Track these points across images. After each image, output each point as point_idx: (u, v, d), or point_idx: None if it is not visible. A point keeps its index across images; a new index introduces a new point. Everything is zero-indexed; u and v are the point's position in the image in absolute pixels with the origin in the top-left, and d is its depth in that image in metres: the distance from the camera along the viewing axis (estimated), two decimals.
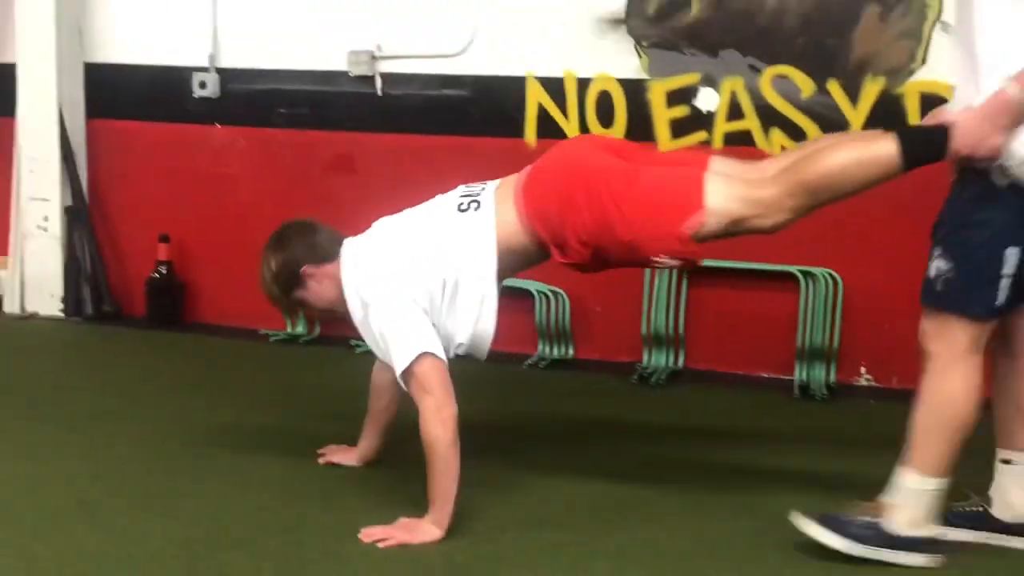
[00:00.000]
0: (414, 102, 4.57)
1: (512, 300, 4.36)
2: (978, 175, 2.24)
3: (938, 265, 2.31)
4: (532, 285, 4.35)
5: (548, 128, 4.35)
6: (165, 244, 4.81)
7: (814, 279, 4.07)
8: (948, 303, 2.30)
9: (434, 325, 2.51)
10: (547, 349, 4.43)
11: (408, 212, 2.72)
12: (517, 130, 4.39)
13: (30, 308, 4.99)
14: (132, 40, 4.91)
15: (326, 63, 4.62)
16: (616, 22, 4.24)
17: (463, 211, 2.60)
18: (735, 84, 4.13)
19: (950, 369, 2.32)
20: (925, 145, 2.29)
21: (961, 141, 2.21)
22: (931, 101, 3.87)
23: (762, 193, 2.40)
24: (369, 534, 2.42)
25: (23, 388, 3.77)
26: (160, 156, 4.93)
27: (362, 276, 2.56)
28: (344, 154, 4.70)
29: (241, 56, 4.77)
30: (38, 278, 4.98)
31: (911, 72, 3.95)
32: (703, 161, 2.54)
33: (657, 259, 2.47)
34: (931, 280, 2.33)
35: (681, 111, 4.19)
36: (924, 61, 3.93)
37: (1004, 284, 2.26)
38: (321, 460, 2.95)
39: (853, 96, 3.99)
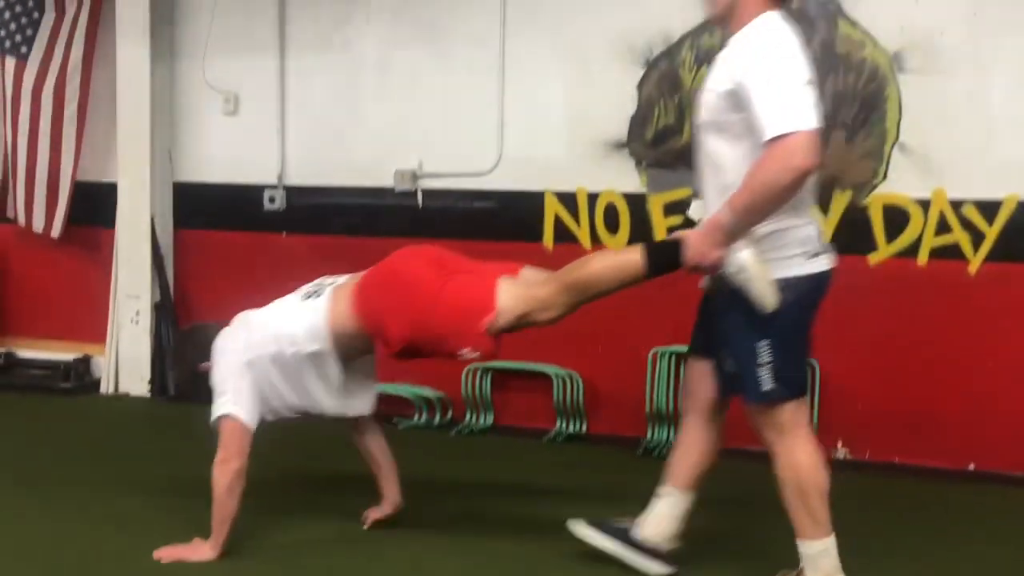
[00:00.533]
0: (450, 213, 4.95)
1: (531, 381, 4.72)
2: (722, 285, 2.51)
3: (728, 366, 2.60)
4: (550, 369, 4.66)
5: (563, 234, 4.72)
6: None
7: None
8: (749, 396, 2.56)
9: (269, 388, 2.92)
10: (563, 425, 4.70)
11: (272, 305, 3.10)
12: (537, 236, 4.75)
13: (123, 389, 5.39)
14: (213, 162, 5.37)
15: (375, 180, 5.03)
16: (619, 146, 4.62)
17: (307, 298, 3.00)
18: None
19: (788, 447, 2.54)
20: (664, 257, 2.60)
21: (690, 254, 2.51)
22: (892, 211, 4.22)
23: (540, 293, 2.73)
24: (158, 552, 2.92)
25: (114, 458, 4.11)
26: (235, 259, 5.30)
27: (226, 343, 2.99)
28: None
29: (304, 175, 5.20)
30: (130, 363, 5.38)
31: (874, 186, 4.25)
32: (514, 269, 2.86)
33: (460, 352, 2.78)
34: (730, 380, 2.60)
35: (676, 220, 4.51)
36: (885, 176, 4.23)
37: (767, 372, 2.48)
38: (366, 526, 3.22)
39: (824, 207, 4.28)
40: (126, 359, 5.40)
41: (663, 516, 2.81)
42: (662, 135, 4.55)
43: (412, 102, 4.98)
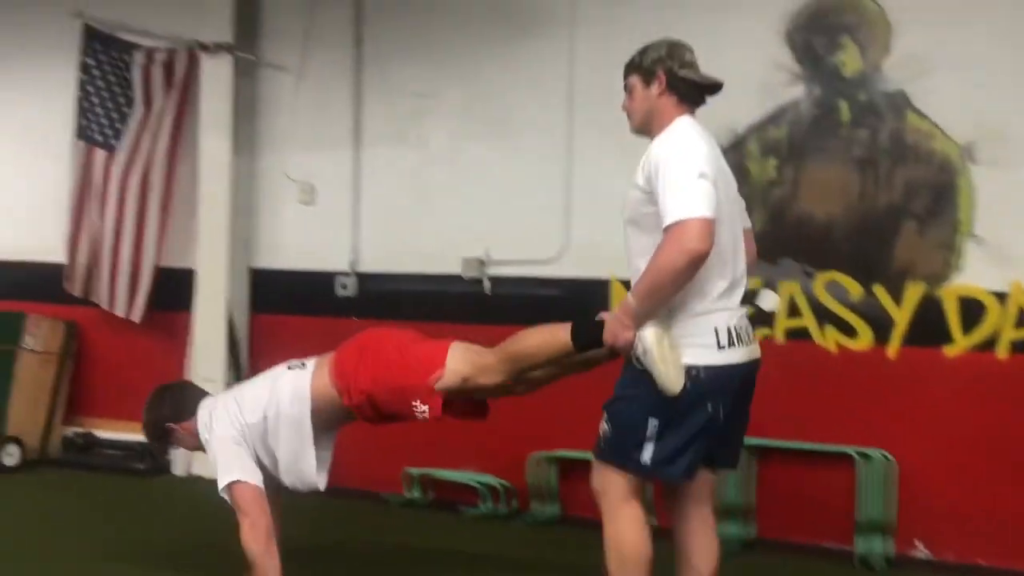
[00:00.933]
0: (516, 300, 4.97)
1: None
2: (630, 360, 2.66)
3: (603, 427, 2.74)
4: None
5: None
6: None
7: (869, 459, 4.18)
8: (607, 455, 2.71)
9: (263, 454, 3.12)
10: None
11: (255, 379, 3.38)
12: None
13: (195, 471, 5.46)
14: (289, 249, 5.50)
15: (444, 268, 5.08)
16: None
17: (291, 369, 3.26)
18: (792, 287, 4.41)
19: (616, 515, 2.69)
20: (587, 336, 2.81)
21: (607, 334, 2.69)
22: (968, 303, 4.10)
23: (484, 360, 3.02)
24: None
25: (187, 543, 4.15)
26: (308, 343, 5.34)
27: (205, 420, 3.18)
28: None
29: (375, 262, 5.29)
30: None
31: (947, 278, 4.16)
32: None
33: (413, 405, 3.03)
34: (598, 439, 2.74)
35: (746, 311, 4.45)
36: (959, 268, 4.14)
37: (649, 448, 2.61)
38: None
39: (897, 298, 4.21)
40: None
41: None
42: None
43: (480, 191, 5.06)
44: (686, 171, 2.56)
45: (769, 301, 4.40)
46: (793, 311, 4.41)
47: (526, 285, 4.95)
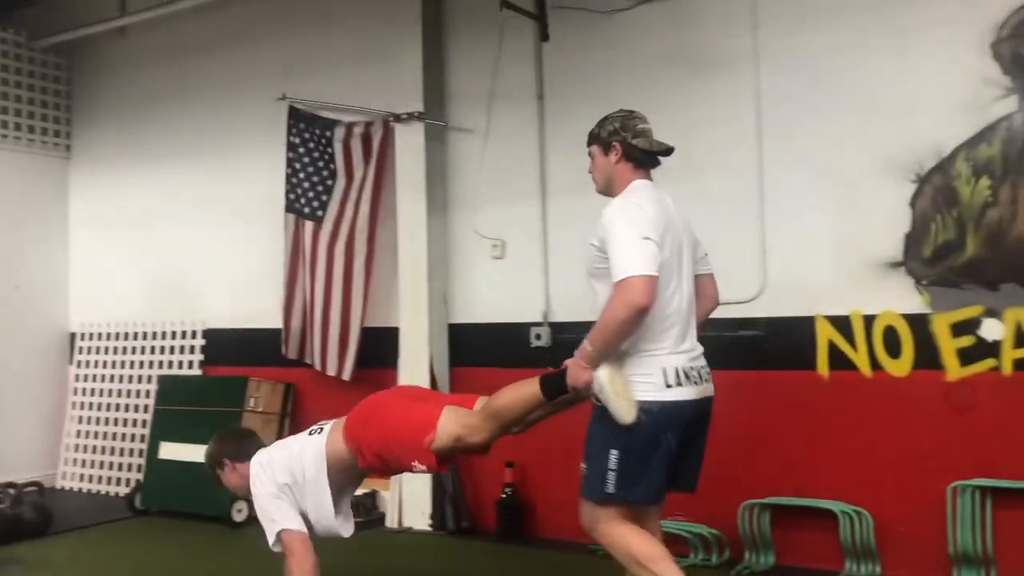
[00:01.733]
0: (715, 342, 4.79)
1: (814, 518, 4.39)
2: (594, 401, 2.96)
3: (581, 467, 3.05)
4: (834, 505, 4.33)
5: (840, 361, 4.45)
6: (510, 468, 5.28)
7: None
8: (585, 492, 3.04)
9: (300, 506, 3.43)
10: (854, 567, 4.31)
11: (287, 440, 3.69)
12: (810, 364, 4.52)
13: (406, 523, 5.60)
14: (483, 304, 5.61)
15: None
16: (894, 265, 4.35)
17: (311, 434, 3.57)
18: (1019, 315, 4.05)
19: (613, 539, 2.99)
20: (554, 383, 3.10)
21: (569, 379, 3.00)
22: None
23: (470, 420, 3.25)
24: None
25: None
26: None
27: (255, 471, 3.48)
28: None
29: (568, 312, 5.27)
30: (412, 498, 5.59)
31: None
32: (469, 400, 3.38)
33: (413, 464, 3.32)
34: (581, 478, 3.05)
35: (967, 340, 4.15)
36: None
37: (612, 477, 2.93)
38: None
39: None
40: (408, 494, 5.61)
41: None
42: (943, 251, 4.22)
43: None
44: (632, 234, 2.89)
45: (993, 330, 4.11)
46: (1021, 340, 4.05)
47: (724, 327, 4.78)
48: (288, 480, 3.44)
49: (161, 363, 6.94)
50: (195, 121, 6.91)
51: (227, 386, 6.23)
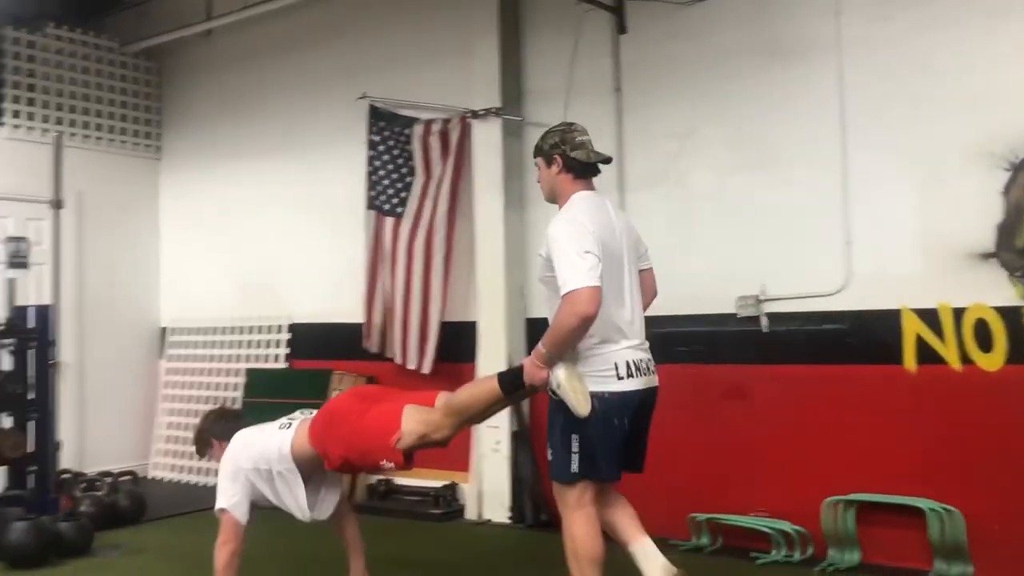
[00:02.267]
0: (797, 336, 4.77)
1: (903, 516, 4.29)
2: (551, 395, 3.23)
3: (548, 452, 3.31)
4: (923, 503, 4.23)
5: (928, 355, 4.35)
6: None
7: None
8: (553, 474, 3.30)
9: (254, 489, 3.73)
10: (944, 566, 4.20)
11: (264, 425, 3.88)
12: (895, 358, 4.42)
13: (485, 515, 5.66)
14: None
15: (716, 307, 4.99)
16: (985, 256, 4.23)
17: (282, 428, 3.79)
18: None
19: (570, 520, 3.26)
20: (511, 380, 3.31)
21: (526, 377, 3.23)
22: None
23: (433, 417, 3.43)
24: None
25: None
26: None
27: (229, 449, 3.82)
28: (734, 384, 4.97)
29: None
30: (492, 491, 5.65)
31: None
32: (429, 397, 3.53)
33: (381, 463, 3.50)
34: (548, 463, 3.31)
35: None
36: None
37: (575, 459, 3.21)
38: None
39: None
40: (488, 487, 5.68)
41: (647, 559, 3.35)
42: None
43: (750, 227, 4.94)
44: (574, 249, 3.13)
45: None
46: None
47: (807, 320, 4.74)
48: (250, 466, 3.76)
49: (248, 357, 7.17)
50: (278, 121, 7.10)
51: (312, 379, 6.40)
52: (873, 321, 4.52)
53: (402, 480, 6.18)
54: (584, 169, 3.43)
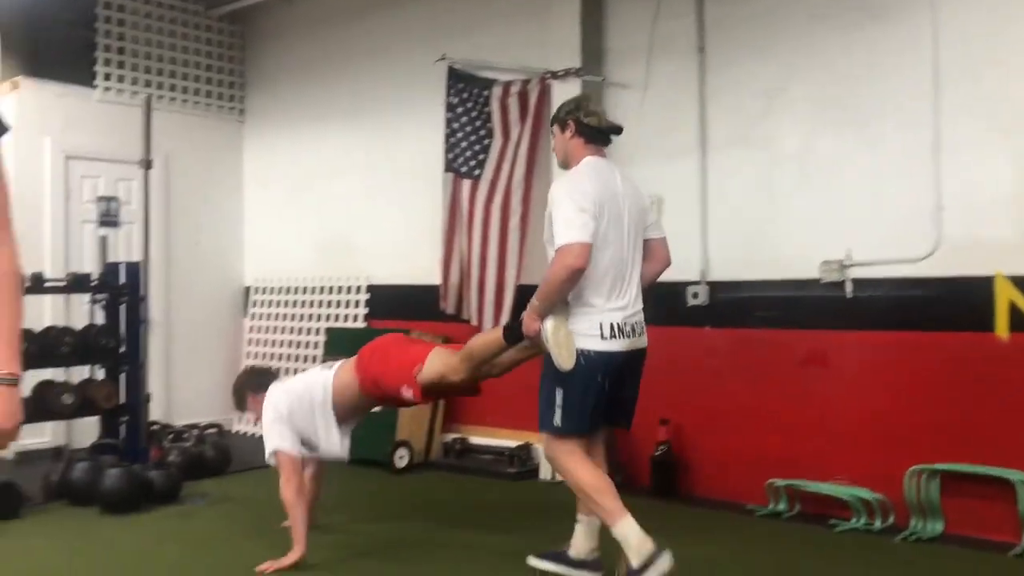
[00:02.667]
0: (882, 303, 4.67)
1: (990, 487, 4.20)
2: (543, 346, 3.42)
3: (539, 404, 3.51)
4: (1013, 474, 4.13)
5: (1020, 322, 4.22)
6: (664, 426, 5.30)
7: None
8: (541, 426, 3.52)
9: (303, 430, 4.11)
10: None
11: (300, 375, 4.43)
12: (987, 325, 4.30)
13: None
14: None
15: (799, 272, 4.91)
16: None
17: (323, 369, 4.31)
18: None
19: (564, 467, 3.51)
20: (512, 331, 3.64)
21: (523, 327, 3.50)
22: None
23: (451, 361, 3.94)
24: (258, 567, 3.85)
25: (542, 542, 4.33)
26: (661, 353, 5.43)
27: (268, 400, 4.20)
28: (815, 350, 4.89)
29: (726, 270, 5.24)
30: None
31: None
32: (455, 348, 4.08)
33: (402, 389, 4.00)
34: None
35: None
36: None
37: (559, 412, 3.43)
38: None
39: None
40: None
41: (583, 536, 3.70)
42: None
43: (837, 190, 4.84)
44: (572, 206, 3.35)
45: None
46: None
47: (893, 287, 4.64)
48: (288, 410, 4.12)
49: (328, 316, 7.33)
50: (358, 84, 7.19)
51: None
52: (963, 287, 4.39)
53: (477, 439, 6.28)
54: (595, 135, 3.64)
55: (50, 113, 6.86)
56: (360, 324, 7.11)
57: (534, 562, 3.76)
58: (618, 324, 3.45)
